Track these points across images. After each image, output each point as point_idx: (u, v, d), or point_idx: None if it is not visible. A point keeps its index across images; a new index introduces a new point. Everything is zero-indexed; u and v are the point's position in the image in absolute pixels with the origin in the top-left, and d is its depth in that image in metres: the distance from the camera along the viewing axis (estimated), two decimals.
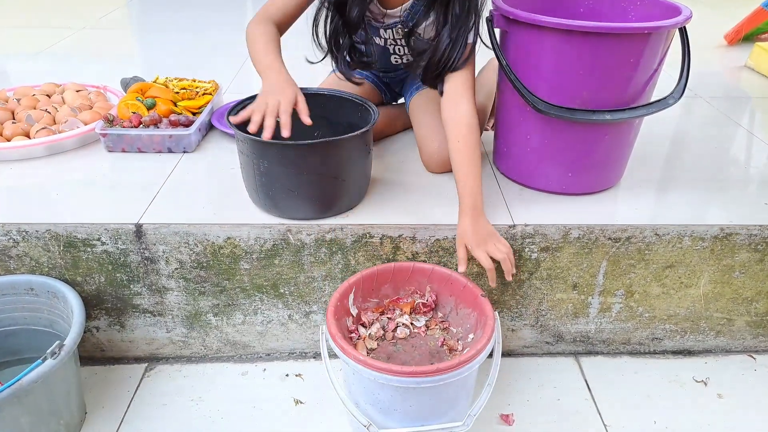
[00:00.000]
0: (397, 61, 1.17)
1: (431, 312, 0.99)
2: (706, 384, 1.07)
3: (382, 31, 1.09)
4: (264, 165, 0.93)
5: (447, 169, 1.09)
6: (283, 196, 0.95)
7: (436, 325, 0.98)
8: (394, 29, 1.08)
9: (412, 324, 0.97)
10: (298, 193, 0.95)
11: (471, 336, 0.93)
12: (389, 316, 0.99)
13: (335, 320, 0.87)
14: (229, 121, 0.93)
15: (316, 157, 0.93)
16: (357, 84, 1.15)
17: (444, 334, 0.97)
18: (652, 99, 1.00)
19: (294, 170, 0.92)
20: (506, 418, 0.99)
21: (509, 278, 0.93)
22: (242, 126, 0.89)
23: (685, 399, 1.04)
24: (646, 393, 1.05)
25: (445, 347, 0.94)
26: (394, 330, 0.97)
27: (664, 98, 0.98)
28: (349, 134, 0.92)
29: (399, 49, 1.14)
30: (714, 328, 1.11)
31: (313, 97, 1.09)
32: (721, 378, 1.08)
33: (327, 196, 0.98)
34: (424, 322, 0.98)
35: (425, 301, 0.99)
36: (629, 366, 1.11)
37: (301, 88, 0.94)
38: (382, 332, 0.96)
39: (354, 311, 0.95)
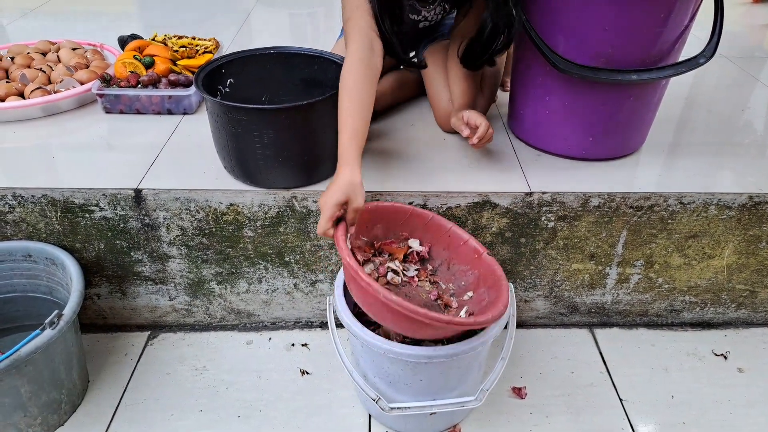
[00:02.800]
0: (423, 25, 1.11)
1: (418, 263, 0.95)
2: (726, 358, 1.04)
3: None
4: (238, 131, 0.87)
5: None
6: (256, 165, 0.91)
7: (426, 277, 0.93)
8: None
9: (403, 273, 0.93)
10: (274, 162, 0.89)
11: (469, 294, 0.88)
12: (380, 260, 0.94)
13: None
14: (200, 87, 0.87)
15: (288, 121, 0.86)
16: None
17: (434, 288, 0.92)
18: (680, 59, 0.93)
19: (267, 136, 0.87)
20: (518, 392, 0.96)
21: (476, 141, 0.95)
22: (212, 92, 0.85)
23: (703, 373, 1.01)
24: (663, 366, 1.02)
25: (440, 302, 0.90)
26: (385, 275, 0.91)
27: (695, 57, 0.91)
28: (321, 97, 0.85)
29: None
30: (736, 300, 1.07)
31: (276, 57, 1.01)
32: (742, 351, 1.05)
33: (308, 162, 0.92)
34: (413, 272, 0.93)
35: (419, 250, 0.94)
36: (646, 338, 1.08)
37: (272, 47, 0.97)
38: (376, 275, 0.91)
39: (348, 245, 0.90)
